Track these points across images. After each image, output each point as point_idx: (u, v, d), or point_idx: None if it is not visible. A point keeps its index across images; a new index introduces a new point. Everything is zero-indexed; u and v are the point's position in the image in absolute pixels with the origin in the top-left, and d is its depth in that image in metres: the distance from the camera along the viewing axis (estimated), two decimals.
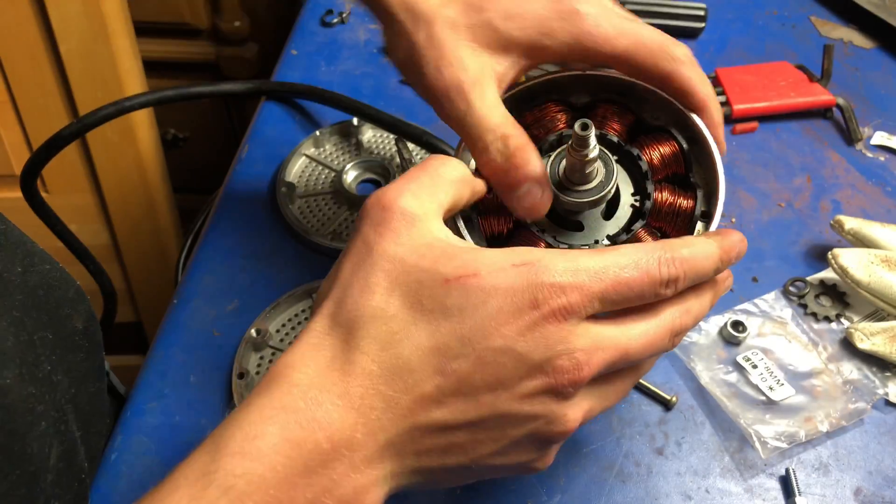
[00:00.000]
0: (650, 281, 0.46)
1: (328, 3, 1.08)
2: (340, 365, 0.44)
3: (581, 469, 0.68)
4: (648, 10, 1.03)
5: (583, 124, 0.52)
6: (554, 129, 0.62)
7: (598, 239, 0.58)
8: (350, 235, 0.48)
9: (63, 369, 0.59)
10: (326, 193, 0.85)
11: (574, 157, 0.54)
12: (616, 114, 0.62)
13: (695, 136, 0.60)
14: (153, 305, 1.48)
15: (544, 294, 0.44)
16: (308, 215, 0.83)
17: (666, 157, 0.60)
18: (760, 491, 0.67)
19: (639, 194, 0.60)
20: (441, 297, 0.44)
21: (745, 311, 0.76)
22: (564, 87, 0.63)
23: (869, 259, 0.74)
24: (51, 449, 0.54)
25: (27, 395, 0.52)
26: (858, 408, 0.70)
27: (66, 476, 0.56)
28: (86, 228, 1.37)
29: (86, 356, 0.63)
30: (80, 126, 0.82)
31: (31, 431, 0.52)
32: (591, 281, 0.44)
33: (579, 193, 0.56)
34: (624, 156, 0.60)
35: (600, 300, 0.45)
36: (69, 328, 0.61)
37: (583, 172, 0.55)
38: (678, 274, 0.47)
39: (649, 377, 0.72)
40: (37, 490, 0.52)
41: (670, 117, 0.61)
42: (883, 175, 0.89)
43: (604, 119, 0.62)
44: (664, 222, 0.58)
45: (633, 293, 0.46)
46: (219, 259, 0.82)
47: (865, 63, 1.01)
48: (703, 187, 0.59)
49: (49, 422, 0.55)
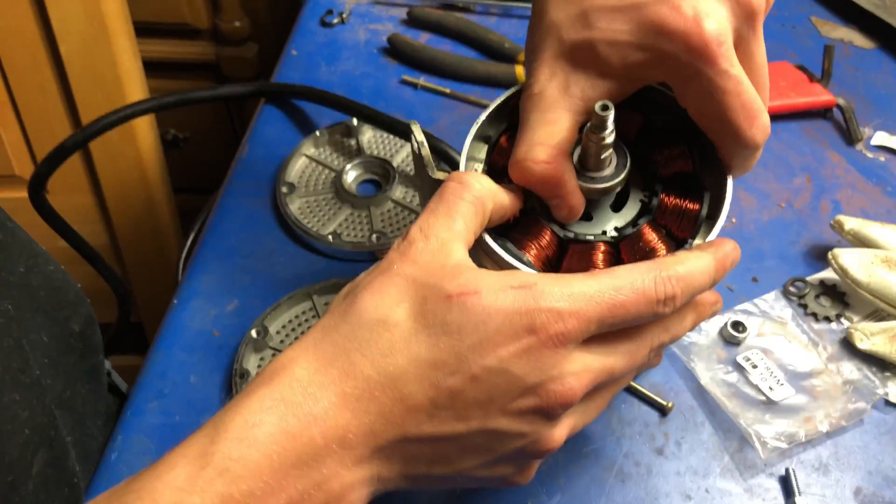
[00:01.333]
0: (647, 301, 0.46)
1: (328, 3, 1.08)
2: (342, 364, 0.45)
3: (581, 469, 0.68)
4: None
5: (603, 105, 0.51)
6: None
7: (606, 229, 0.59)
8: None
9: (55, 372, 0.59)
10: (326, 193, 0.86)
11: (591, 139, 0.54)
12: (628, 114, 0.62)
13: (707, 139, 0.60)
14: (153, 305, 1.48)
15: (542, 319, 0.44)
16: (308, 215, 0.83)
17: (676, 157, 0.60)
18: (760, 491, 0.67)
19: (647, 191, 0.60)
20: (443, 312, 0.45)
21: (745, 311, 0.76)
22: None
23: (869, 259, 0.74)
24: (34, 456, 0.54)
25: (10, 403, 0.52)
26: (858, 408, 0.70)
27: (54, 482, 0.56)
28: (86, 229, 1.37)
29: (79, 358, 0.63)
30: (83, 136, 0.83)
31: (12, 440, 0.52)
32: (588, 306, 0.45)
33: (592, 180, 0.56)
34: (635, 155, 0.60)
35: (597, 324, 0.46)
36: (66, 331, 0.61)
37: (598, 158, 0.55)
38: (675, 292, 0.47)
39: (648, 380, 0.72)
40: (15, 499, 0.52)
41: (678, 120, 0.61)
42: (883, 175, 0.89)
43: (616, 119, 0.62)
44: (669, 221, 0.58)
45: (629, 315, 0.46)
46: (219, 259, 0.82)
47: (865, 63, 1.01)
48: (710, 190, 0.59)
49: (34, 428, 0.55)
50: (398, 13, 1.07)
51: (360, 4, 1.08)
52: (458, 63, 0.98)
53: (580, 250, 0.57)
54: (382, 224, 0.83)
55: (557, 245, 0.58)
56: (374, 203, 0.84)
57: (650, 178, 0.60)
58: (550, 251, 0.57)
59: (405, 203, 0.84)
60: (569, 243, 0.58)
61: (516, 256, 0.55)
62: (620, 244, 0.58)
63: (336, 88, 0.97)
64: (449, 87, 0.97)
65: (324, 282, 0.77)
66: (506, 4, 1.06)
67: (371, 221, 0.83)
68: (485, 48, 1.02)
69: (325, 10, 1.07)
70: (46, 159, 0.80)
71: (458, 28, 1.03)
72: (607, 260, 0.57)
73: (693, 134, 0.60)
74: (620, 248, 0.58)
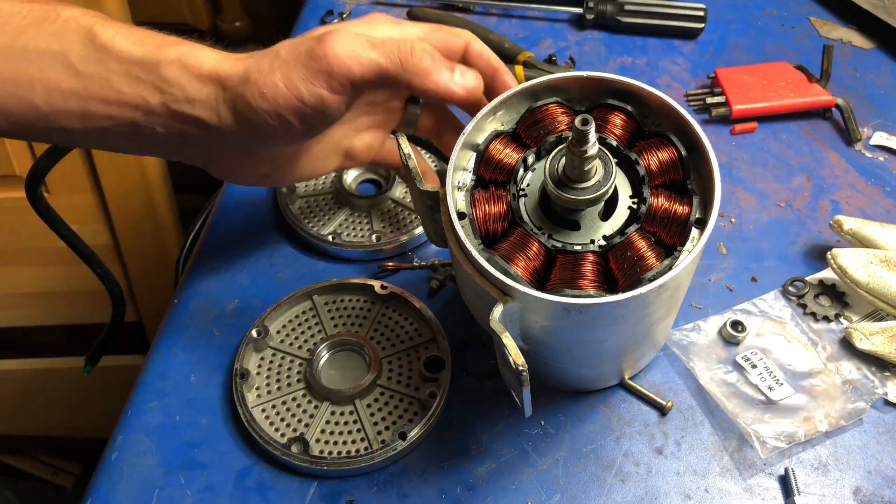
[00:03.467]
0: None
1: (328, 3, 1.08)
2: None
3: (580, 468, 0.68)
4: (648, 11, 1.03)
5: (583, 119, 0.52)
6: (554, 131, 0.62)
7: (595, 238, 0.59)
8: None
9: None
10: (326, 193, 0.86)
11: (574, 152, 0.54)
12: (616, 118, 0.62)
13: (694, 143, 0.60)
14: (153, 305, 1.48)
15: None
16: (308, 215, 0.84)
17: (664, 163, 0.60)
18: (759, 490, 0.67)
19: (636, 197, 0.60)
20: None
21: (744, 311, 0.77)
22: (565, 90, 0.63)
23: (868, 259, 0.74)
24: None
25: None
26: (857, 407, 0.70)
27: None
28: (86, 228, 1.37)
29: None
30: None
31: None
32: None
33: (577, 191, 0.56)
34: (623, 160, 0.60)
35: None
36: None
37: (581, 170, 0.55)
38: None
39: (648, 379, 0.73)
40: None
41: (670, 124, 0.61)
42: (882, 175, 0.89)
43: (604, 123, 0.62)
44: (658, 227, 0.58)
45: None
46: (219, 259, 0.82)
47: (865, 63, 1.01)
48: (699, 194, 0.59)
49: None
50: (398, 13, 1.07)
51: (360, 4, 1.08)
52: None
53: (568, 260, 0.57)
54: (382, 224, 0.83)
55: (545, 256, 0.58)
56: (374, 203, 0.84)
57: (639, 183, 0.60)
58: (538, 262, 0.57)
59: (405, 203, 0.84)
60: (556, 254, 0.58)
61: (503, 270, 0.55)
62: (609, 253, 0.57)
63: None
64: None
65: (323, 282, 0.77)
66: (506, 4, 1.06)
67: (371, 221, 0.83)
68: None
69: (324, 10, 1.07)
70: (45, 154, 0.80)
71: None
72: (596, 270, 0.57)
73: (684, 139, 0.60)
74: (609, 258, 0.57)
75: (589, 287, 0.55)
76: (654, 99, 0.61)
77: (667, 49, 1.03)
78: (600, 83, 0.62)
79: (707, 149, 0.58)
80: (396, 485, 0.67)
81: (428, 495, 0.67)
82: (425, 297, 0.78)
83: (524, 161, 0.61)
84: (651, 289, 0.54)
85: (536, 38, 1.04)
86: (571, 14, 1.07)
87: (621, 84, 0.61)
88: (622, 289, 0.56)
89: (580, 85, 0.63)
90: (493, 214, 0.59)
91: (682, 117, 0.60)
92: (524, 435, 0.70)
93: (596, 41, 1.04)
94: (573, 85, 0.63)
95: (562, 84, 0.62)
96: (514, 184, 0.60)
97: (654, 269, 0.55)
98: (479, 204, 0.59)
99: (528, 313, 0.57)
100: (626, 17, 1.03)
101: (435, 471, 0.68)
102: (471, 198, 0.60)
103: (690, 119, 0.60)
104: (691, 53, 1.02)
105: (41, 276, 1.41)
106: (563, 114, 0.63)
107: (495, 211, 0.59)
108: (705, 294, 0.79)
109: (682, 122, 0.60)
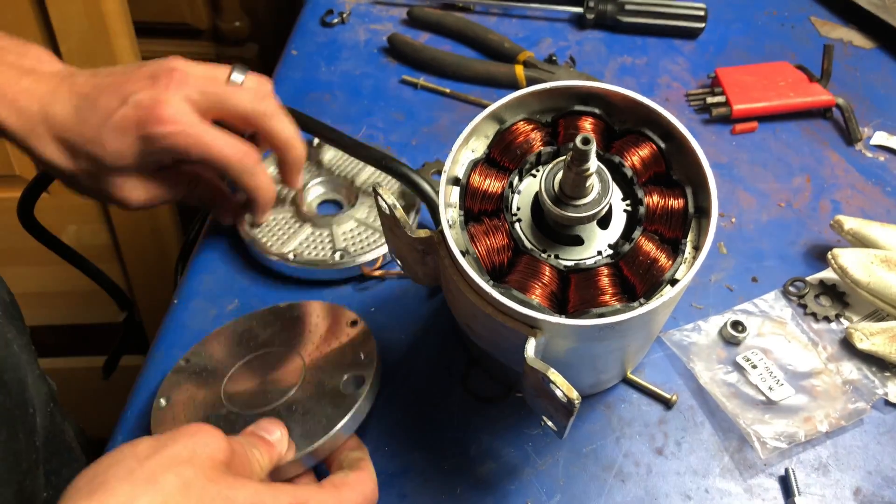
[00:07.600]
0: None
1: (328, 3, 1.08)
2: None
3: (580, 469, 0.68)
4: (648, 11, 1.03)
5: (584, 139, 0.51)
6: (531, 150, 0.61)
7: (601, 250, 0.58)
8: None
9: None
10: (286, 212, 0.82)
11: (574, 171, 0.53)
12: (586, 123, 0.61)
13: (668, 132, 0.59)
14: (153, 305, 1.48)
15: None
16: (268, 235, 0.80)
17: (646, 159, 0.59)
18: (760, 491, 0.67)
19: (628, 199, 0.60)
20: None
21: (744, 311, 0.77)
22: (528, 104, 0.62)
23: (868, 259, 0.74)
24: None
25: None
26: (858, 408, 0.70)
27: None
28: (86, 228, 1.37)
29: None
30: None
31: None
32: None
33: (577, 208, 0.55)
34: (605, 163, 0.59)
35: None
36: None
37: (581, 187, 0.54)
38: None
39: (647, 379, 0.73)
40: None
41: (638, 118, 0.61)
42: (882, 175, 0.89)
43: (575, 131, 0.61)
44: (659, 224, 0.58)
45: None
46: (219, 259, 0.82)
47: (865, 63, 1.01)
48: (689, 182, 0.58)
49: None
50: (398, 13, 1.07)
51: (360, 4, 1.08)
52: (457, 63, 0.98)
53: (583, 278, 0.56)
54: (345, 243, 0.79)
55: (559, 278, 0.57)
56: (336, 222, 0.80)
57: (627, 184, 0.60)
58: (554, 286, 0.56)
59: (368, 223, 0.81)
60: (569, 274, 0.57)
61: (523, 302, 0.54)
62: (620, 262, 0.57)
63: (336, 88, 0.97)
64: (449, 87, 0.97)
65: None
66: (506, 4, 1.06)
67: (333, 240, 0.80)
68: (484, 48, 1.02)
69: (325, 10, 1.07)
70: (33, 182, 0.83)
71: (458, 28, 1.03)
72: (612, 282, 0.56)
73: (656, 129, 0.59)
74: (621, 266, 0.57)
75: (612, 301, 0.55)
76: (617, 97, 0.60)
77: (667, 49, 1.03)
78: (560, 92, 0.61)
79: (684, 134, 0.57)
80: (397, 485, 0.67)
81: (428, 495, 0.67)
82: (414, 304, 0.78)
83: (510, 185, 0.59)
84: (678, 291, 0.54)
85: (536, 38, 1.04)
86: (572, 14, 1.07)
87: (581, 89, 0.60)
88: (642, 294, 0.55)
89: (541, 98, 0.62)
90: (495, 247, 0.57)
91: (651, 109, 0.58)
92: (524, 435, 0.70)
93: (596, 41, 1.04)
94: (534, 99, 0.62)
95: (524, 100, 0.61)
96: (507, 211, 0.59)
97: (670, 270, 0.55)
98: (479, 238, 0.57)
99: (555, 339, 0.55)
100: (627, 17, 1.04)
101: (435, 471, 0.68)
102: (468, 233, 0.57)
103: (659, 108, 0.58)
104: (691, 53, 1.02)
105: (41, 276, 1.40)
106: (533, 130, 0.61)
107: (497, 243, 0.57)
108: (705, 294, 0.78)
109: (651, 114, 0.59)
